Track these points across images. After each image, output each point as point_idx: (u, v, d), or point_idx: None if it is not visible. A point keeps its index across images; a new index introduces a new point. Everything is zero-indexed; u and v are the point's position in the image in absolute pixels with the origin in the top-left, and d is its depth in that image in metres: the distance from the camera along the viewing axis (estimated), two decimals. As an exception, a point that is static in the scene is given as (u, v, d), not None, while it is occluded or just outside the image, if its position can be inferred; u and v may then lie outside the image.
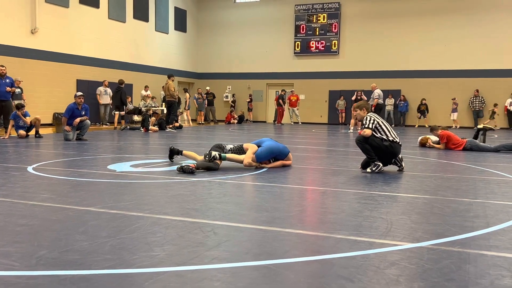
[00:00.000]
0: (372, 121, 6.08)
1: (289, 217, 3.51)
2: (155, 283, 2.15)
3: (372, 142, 5.99)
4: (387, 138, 6.02)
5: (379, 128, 6.07)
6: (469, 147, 9.44)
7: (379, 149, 6.01)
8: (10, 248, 2.63)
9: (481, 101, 21.55)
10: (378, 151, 6.03)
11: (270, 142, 6.48)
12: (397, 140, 6.10)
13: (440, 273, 2.35)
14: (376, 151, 6.03)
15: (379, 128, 6.07)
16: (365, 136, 6.02)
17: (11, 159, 7.13)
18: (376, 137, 6.01)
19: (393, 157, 6.15)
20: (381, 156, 6.08)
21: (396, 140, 6.08)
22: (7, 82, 12.46)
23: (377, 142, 6.00)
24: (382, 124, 6.11)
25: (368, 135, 6.01)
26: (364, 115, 6.30)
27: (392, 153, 6.07)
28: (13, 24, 15.67)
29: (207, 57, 26.89)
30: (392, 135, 6.09)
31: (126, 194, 4.32)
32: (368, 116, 6.17)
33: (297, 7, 24.88)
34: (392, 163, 6.22)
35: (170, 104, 16.13)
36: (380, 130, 6.07)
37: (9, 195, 4.18)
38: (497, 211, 3.85)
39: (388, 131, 6.09)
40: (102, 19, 19.55)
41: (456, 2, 22.09)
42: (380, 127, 6.08)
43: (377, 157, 6.07)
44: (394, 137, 6.07)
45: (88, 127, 11.01)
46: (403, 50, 22.96)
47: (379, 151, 6.03)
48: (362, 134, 6.06)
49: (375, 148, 6.02)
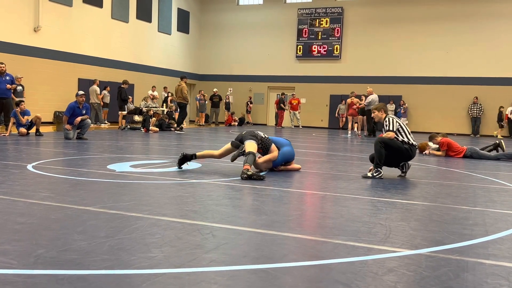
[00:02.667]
0: (394, 123, 6.08)
1: (288, 221, 3.51)
2: (153, 284, 2.14)
3: (393, 144, 5.97)
4: (408, 141, 6.03)
5: (400, 130, 6.08)
6: (469, 155, 9.44)
7: (398, 151, 6.00)
8: (8, 246, 2.62)
9: (480, 108, 21.57)
10: (397, 153, 6.02)
11: (289, 148, 6.37)
12: (415, 143, 6.12)
13: (438, 280, 2.34)
14: (395, 153, 6.02)
15: (400, 130, 6.08)
16: (389, 138, 5.98)
17: (11, 156, 7.13)
18: (397, 140, 6.02)
19: (408, 160, 6.17)
20: (397, 158, 6.08)
21: (414, 143, 6.10)
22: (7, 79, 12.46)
23: (398, 144, 6.00)
24: (402, 126, 6.12)
25: (392, 137, 5.99)
26: (382, 116, 6.28)
27: (409, 156, 6.09)
28: (16, 22, 15.70)
29: (209, 59, 26.92)
30: (411, 138, 6.10)
31: (125, 194, 4.32)
32: (389, 118, 6.15)
33: (300, 11, 24.93)
34: (398, 166, 6.24)
35: (181, 106, 15.97)
36: (401, 133, 6.07)
37: (8, 193, 4.18)
38: (496, 219, 3.84)
39: (408, 134, 6.10)
40: (105, 19, 19.59)
41: (458, 10, 22.14)
42: (402, 129, 6.09)
43: (393, 159, 6.07)
44: (413, 140, 6.09)
45: (89, 126, 11.01)
46: (404, 56, 22.99)
47: (398, 152, 6.02)
48: (386, 136, 6.01)
49: (395, 150, 5.99)
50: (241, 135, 6.14)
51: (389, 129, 6.04)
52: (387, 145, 5.97)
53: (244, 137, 6.06)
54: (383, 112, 6.30)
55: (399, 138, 6.04)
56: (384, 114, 6.29)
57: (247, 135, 6.05)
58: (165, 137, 12.75)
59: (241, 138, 6.11)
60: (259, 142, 6.00)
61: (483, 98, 21.71)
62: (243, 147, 5.94)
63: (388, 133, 6.02)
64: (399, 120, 6.20)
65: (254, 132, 6.12)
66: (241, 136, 6.12)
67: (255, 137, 6.01)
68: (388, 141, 5.97)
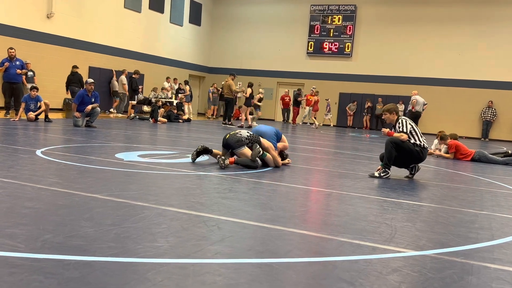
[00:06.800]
0: (407, 125, 6.05)
1: (294, 217, 3.51)
2: (158, 273, 2.16)
3: (404, 145, 5.95)
4: (419, 144, 6.01)
5: (412, 133, 6.06)
6: (478, 158, 9.38)
7: (410, 153, 5.98)
8: (15, 230, 2.65)
9: (493, 113, 21.41)
10: (408, 155, 6.01)
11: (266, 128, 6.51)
12: (426, 146, 6.09)
13: (442, 282, 2.34)
14: (405, 155, 6.00)
15: (413, 132, 6.06)
16: (401, 140, 5.95)
17: (20, 141, 7.18)
18: (409, 142, 6.00)
19: (418, 162, 6.15)
20: (407, 159, 6.06)
21: (426, 146, 6.07)
22: (17, 64, 12.54)
23: (410, 146, 5.98)
24: (415, 128, 6.10)
25: (405, 139, 5.96)
26: (394, 118, 6.24)
27: (420, 158, 6.07)
28: (29, 7, 15.75)
29: (220, 52, 26.88)
30: (423, 140, 6.07)
31: (132, 183, 4.34)
32: (403, 120, 6.12)
33: (313, 7, 24.81)
34: (408, 168, 6.22)
35: (229, 101, 16.57)
36: (414, 135, 6.05)
37: (17, 177, 4.22)
38: (503, 224, 3.82)
39: (420, 136, 6.08)
40: (118, 8, 19.60)
41: (473, 12, 21.91)
42: (414, 131, 6.07)
43: (403, 160, 6.06)
44: (424, 143, 6.06)
45: (98, 114, 11.06)
46: (416, 56, 22.82)
47: (409, 154, 6.00)
48: (399, 137, 5.97)
49: (406, 151, 5.97)
50: (225, 141, 6.04)
51: (402, 130, 6.01)
52: (398, 146, 5.95)
53: (233, 145, 5.94)
54: (395, 114, 6.25)
55: (411, 140, 6.01)
56: (396, 116, 6.24)
57: (236, 145, 5.92)
58: (173, 128, 12.78)
59: (225, 144, 6.04)
60: (248, 143, 5.98)
61: (496, 102, 21.54)
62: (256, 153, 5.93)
63: (401, 134, 5.99)
64: (411, 122, 6.16)
65: (238, 138, 5.96)
66: (225, 142, 6.05)
67: (241, 143, 5.93)
68: (400, 142, 5.94)
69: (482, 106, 21.78)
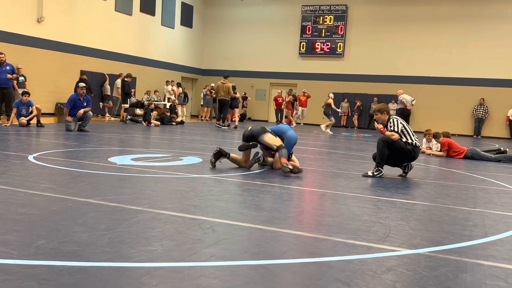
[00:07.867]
0: (398, 125, 6.07)
1: (288, 218, 3.52)
2: (152, 278, 2.15)
3: (396, 144, 5.97)
4: (411, 143, 6.03)
5: (404, 132, 6.07)
6: (470, 156, 9.44)
7: (402, 151, 6.01)
8: (8, 237, 2.63)
9: (485, 110, 21.55)
10: (400, 154, 6.03)
11: (291, 132, 6.24)
12: (418, 144, 6.11)
13: (437, 280, 2.35)
14: (397, 153, 6.03)
15: (404, 131, 6.08)
16: (393, 139, 5.97)
17: (12, 147, 7.14)
18: (401, 141, 6.02)
19: (411, 161, 6.17)
20: (400, 158, 6.08)
21: (418, 144, 6.09)
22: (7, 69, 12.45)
23: (401, 145, 6.00)
24: (406, 127, 6.12)
25: (396, 139, 5.98)
26: (385, 118, 6.26)
27: (412, 157, 6.09)
28: (19, 12, 15.66)
29: (212, 54, 26.86)
30: (415, 139, 6.10)
31: (126, 187, 4.33)
32: (394, 119, 6.14)
33: (304, 8, 24.86)
34: (401, 166, 6.24)
35: (225, 103, 16.47)
36: (405, 134, 6.07)
37: (10, 183, 4.19)
38: (496, 221, 3.85)
39: (412, 135, 6.10)
40: (108, 11, 19.54)
41: (463, 10, 22.06)
42: (406, 130, 6.09)
43: (396, 159, 6.09)
44: (416, 141, 6.08)
45: (90, 118, 11.01)
46: (408, 55, 22.93)
47: (401, 153, 6.02)
48: (390, 137, 5.99)
49: (398, 150, 5.99)
50: (248, 132, 6.03)
51: (393, 130, 6.03)
52: (390, 145, 5.97)
53: (257, 133, 5.96)
54: (386, 114, 6.27)
55: (403, 139, 6.03)
56: (387, 115, 6.26)
57: (260, 131, 5.96)
58: (166, 131, 12.75)
59: (249, 135, 6.01)
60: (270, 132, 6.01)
61: (488, 100, 21.69)
62: (260, 157, 6.03)
63: (392, 133, 6.00)
64: (403, 121, 6.19)
65: (261, 127, 6.08)
66: (248, 133, 6.03)
67: (265, 129, 6.01)
68: (391, 141, 5.97)
69: (474, 103, 21.93)
